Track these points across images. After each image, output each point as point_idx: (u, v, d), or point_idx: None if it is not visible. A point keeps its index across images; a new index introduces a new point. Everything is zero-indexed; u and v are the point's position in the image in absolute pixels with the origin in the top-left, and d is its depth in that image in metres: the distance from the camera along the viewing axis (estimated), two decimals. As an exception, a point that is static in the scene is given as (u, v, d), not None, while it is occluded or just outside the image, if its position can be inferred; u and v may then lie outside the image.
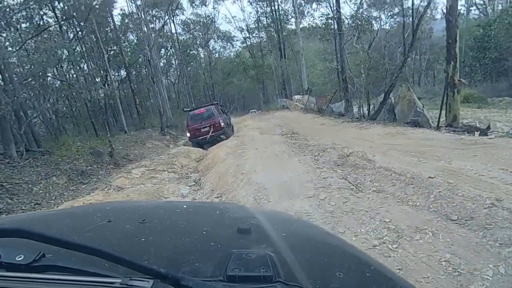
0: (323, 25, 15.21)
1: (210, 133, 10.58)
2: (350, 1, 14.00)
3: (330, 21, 14.49)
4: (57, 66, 13.06)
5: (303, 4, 20.12)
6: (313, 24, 15.58)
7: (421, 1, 14.35)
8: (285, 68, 21.79)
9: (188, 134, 11.12)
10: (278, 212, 1.82)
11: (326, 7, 14.94)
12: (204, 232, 0.77)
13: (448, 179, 3.22)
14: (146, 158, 10.04)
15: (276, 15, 22.87)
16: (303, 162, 5.24)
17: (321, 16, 14.80)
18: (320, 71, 33.01)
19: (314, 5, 15.08)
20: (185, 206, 1.05)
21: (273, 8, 23.45)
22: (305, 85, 18.49)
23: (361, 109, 10.79)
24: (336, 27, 11.33)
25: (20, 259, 0.53)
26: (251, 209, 1.08)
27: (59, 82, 11.42)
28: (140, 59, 19.47)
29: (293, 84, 25.44)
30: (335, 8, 10.89)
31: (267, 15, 24.51)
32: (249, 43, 26.06)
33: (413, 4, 10.42)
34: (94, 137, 12.19)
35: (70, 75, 16.18)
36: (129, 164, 9.16)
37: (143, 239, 0.70)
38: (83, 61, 17.54)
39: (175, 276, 0.47)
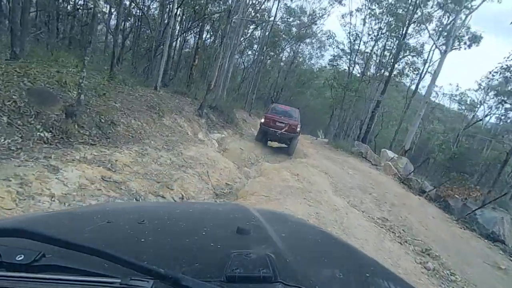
0: None
1: (283, 130, 10.30)
2: None
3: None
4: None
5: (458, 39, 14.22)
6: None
7: None
8: (381, 108, 16.28)
9: (262, 120, 10.90)
10: (278, 212, 1.59)
11: None
12: (204, 233, 0.76)
13: None
14: (138, 144, 5.55)
15: (400, 40, 17.55)
16: None
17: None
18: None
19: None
20: (184, 207, 1.07)
21: (400, 32, 18.13)
22: (408, 145, 12.82)
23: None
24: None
25: (20, 259, 0.51)
26: (251, 209, 1.04)
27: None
28: (219, 17, 15.43)
29: (377, 130, 19.80)
30: None
31: (387, 37, 19.22)
32: (352, 63, 20.85)
33: None
34: (107, 72, 7.98)
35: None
36: (97, 143, 4.68)
37: (142, 240, 0.68)
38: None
39: (174, 277, 0.46)
